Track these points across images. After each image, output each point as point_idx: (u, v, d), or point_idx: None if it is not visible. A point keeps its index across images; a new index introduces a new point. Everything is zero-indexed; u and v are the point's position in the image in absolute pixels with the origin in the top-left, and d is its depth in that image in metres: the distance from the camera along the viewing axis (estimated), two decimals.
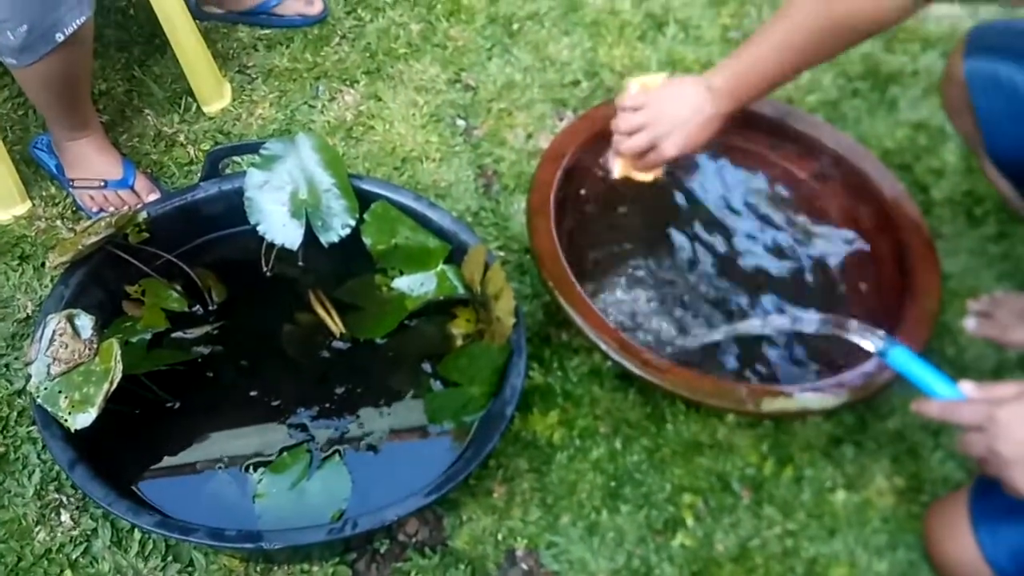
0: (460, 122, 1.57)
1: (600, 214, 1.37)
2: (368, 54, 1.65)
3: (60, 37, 1.15)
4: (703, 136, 1.16)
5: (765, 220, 1.39)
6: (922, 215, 1.35)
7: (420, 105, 1.58)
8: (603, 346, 1.14)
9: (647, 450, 1.22)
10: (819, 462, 1.23)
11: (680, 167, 1.42)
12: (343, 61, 1.64)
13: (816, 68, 1.69)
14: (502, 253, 1.40)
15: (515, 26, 1.72)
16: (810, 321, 1.13)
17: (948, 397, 0.96)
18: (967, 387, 0.95)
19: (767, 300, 1.30)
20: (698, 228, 1.37)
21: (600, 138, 1.37)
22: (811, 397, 1.12)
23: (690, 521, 1.17)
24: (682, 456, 1.22)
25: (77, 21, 1.15)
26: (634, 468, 1.21)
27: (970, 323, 1.34)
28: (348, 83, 1.61)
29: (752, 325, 1.21)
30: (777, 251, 1.36)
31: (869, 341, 1.05)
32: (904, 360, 1.01)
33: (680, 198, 1.40)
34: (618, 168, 1.23)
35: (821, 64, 1.12)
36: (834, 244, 1.37)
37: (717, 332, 1.24)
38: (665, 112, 1.15)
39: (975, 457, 0.92)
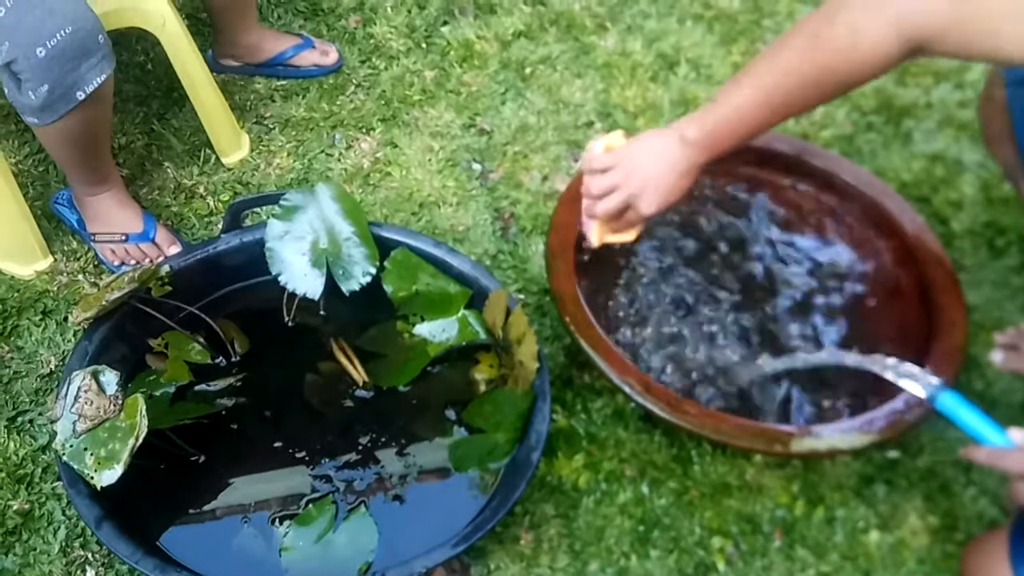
0: (476, 166, 1.58)
1: (618, 255, 1.37)
2: (383, 102, 1.67)
3: (81, 96, 1.16)
4: (679, 190, 1.08)
5: (785, 255, 1.39)
6: (944, 248, 1.34)
7: (436, 150, 1.59)
8: (627, 389, 1.13)
9: (675, 493, 1.21)
10: (851, 502, 1.21)
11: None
12: (359, 109, 1.65)
13: (826, 105, 1.70)
14: (521, 296, 1.40)
15: (528, 70, 1.74)
16: (859, 360, 1.12)
17: (997, 444, 0.94)
18: (1017, 435, 0.93)
19: (790, 336, 1.29)
20: (717, 264, 1.37)
21: None
22: (840, 437, 1.10)
23: (721, 565, 1.15)
24: (711, 498, 1.21)
25: (98, 80, 1.17)
26: (662, 512, 1.19)
27: (997, 356, 1.32)
28: (364, 131, 1.62)
29: (802, 359, 1.21)
30: (797, 287, 1.35)
31: (919, 386, 1.04)
32: (953, 405, 1.00)
33: (695, 236, 1.40)
34: (594, 233, 1.15)
35: (802, 114, 1.04)
36: (856, 278, 1.36)
37: (768, 365, 1.23)
38: (637, 169, 1.08)
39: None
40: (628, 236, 1.17)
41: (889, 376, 1.10)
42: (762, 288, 1.34)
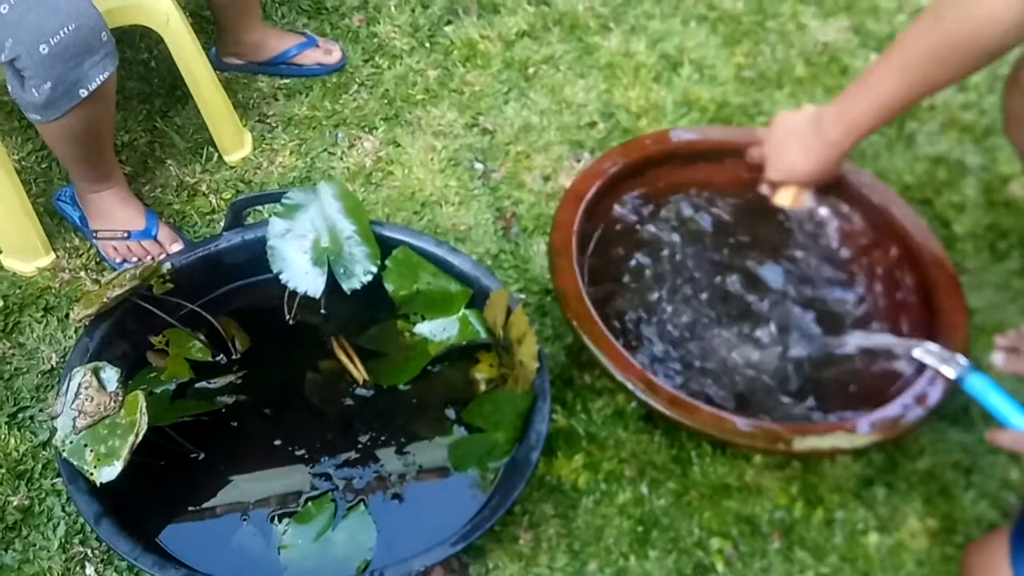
0: (478, 166, 1.58)
1: (620, 254, 1.37)
2: (386, 101, 1.67)
3: (84, 93, 1.16)
4: (806, 164, 1.20)
5: (787, 255, 1.39)
6: (945, 250, 1.34)
7: (438, 150, 1.59)
8: (629, 386, 1.13)
9: (674, 493, 1.21)
10: (850, 503, 1.21)
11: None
12: (362, 108, 1.65)
13: None
14: (522, 295, 1.40)
15: (531, 70, 1.74)
16: (889, 342, 1.14)
17: (1022, 428, 0.95)
18: None
19: (794, 335, 1.29)
20: (721, 264, 1.37)
21: (620, 178, 1.37)
22: (842, 436, 1.10)
23: (720, 566, 1.15)
24: (710, 499, 1.21)
25: (100, 77, 1.17)
26: (661, 512, 1.19)
27: (998, 359, 1.31)
28: (367, 130, 1.62)
29: (830, 343, 1.23)
30: (801, 286, 1.35)
31: (948, 367, 1.05)
32: (982, 388, 1.01)
33: (700, 236, 1.40)
34: (777, 194, 1.29)
35: (942, 89, 1.08)
36: (858, 280, 1.36)
37: (793, 349, 1.25)
38: (774, 139, 1.24)
39: None
40: (783, 200, 1.28)
41: (918, 356, 1.11)
42: (764, 288, 1.34)
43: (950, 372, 1.05)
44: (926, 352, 1.12)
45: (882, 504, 1.21)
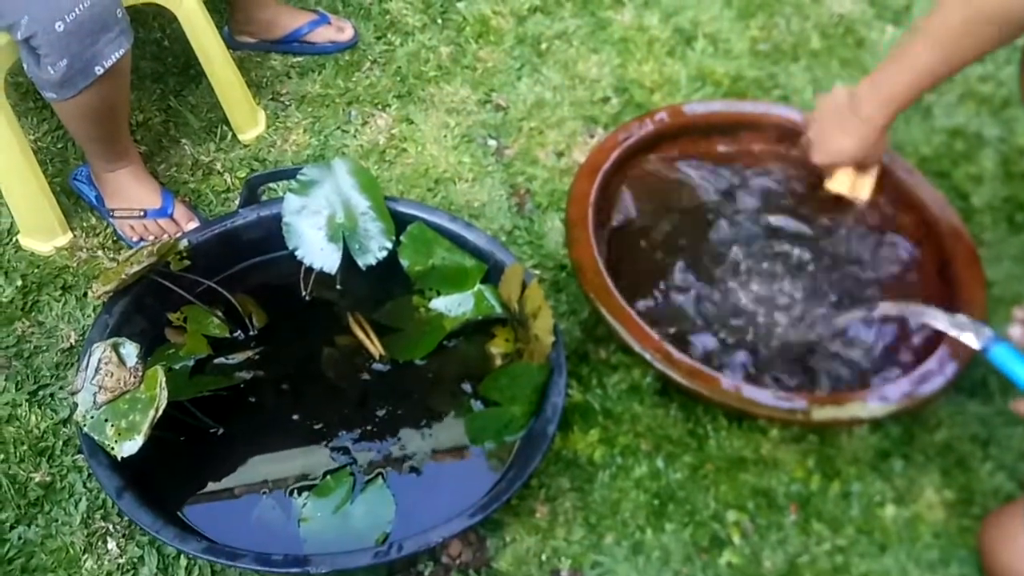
0: (492, 142, 1.58)
1: (636, 227, 1.36)
2: (399, 78, 1.66)
3: (99, 70, 1.16)
4: (844, 143, 1.20)
5: (803, 228, 1.38)
6: (963, 222, 1.33)
7: (452, 127, 1.59)
8: (647, 357, 1.13)
9: (690, 467, 1.21)
10: (867, 476, 1.21)
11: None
12: (374, 86, 1.65)
13: (846, 78, 1.69)
14: (537, 271, 1.40)
15: (543, 45, 1.73)
16: (915, 311, 1.15)
17: None
18: None
19: (810, 309, 1.29)
20: (737, 236, 1.36)
21: (635, 151, 1.37)
22: (861, 406, 1.10)
23: (737, 539, 1.16)
24: (726, 472, 1.21)
25: (116, 54, 1.17)
26: (677, 486, 1.20)
27: (1016, 331, 1.30)
28: (380, 107, 1.62)
29: (857, 314, 1.23)
30: (823, 257, 1.34)
31: (973, 336, 1.05)
32: (1007, 357, 1.00)
33: (715, 208, 1.39)
34: (832, 181, 1.29)
35: (975, 61, 1.08)
36: (875, 252, 1.35)
37: (820, 322, 1.25)
38: (816, 120, 1.25)
39: None
40: (839, 188, 1.28)
41: (942, 326, 1.12)
42: (781, 258, 1.34)
43: (975, 342, 1.05)
44: (951, 322, 1.11)
45: (899, 476, 1.21)
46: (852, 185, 1.28)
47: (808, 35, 1.78)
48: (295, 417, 1.16)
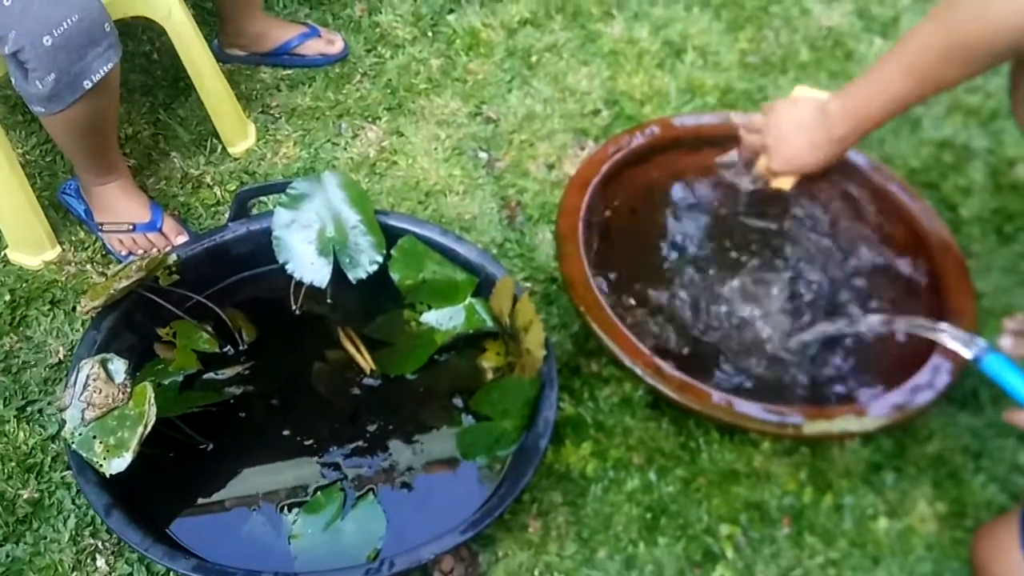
0: (482, 154, 1.58)
1: (625, 239, 1.37)
2: (389, 90, 1.66)
3: (88, 84, 1.16)
4: (812, 158, 1.18)
5: (799, 239, 1.38)
6: (952, 234, 1.34)
7: (442, 139, 1.59)
8: (638, 371, 1.13)
9: (682, 480, 1.21)
10: (859, 489, 1.21)
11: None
12: (365, 98, 1.65)
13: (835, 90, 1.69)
14: (528, 284, 1.39)
15: (534, 58, 1.73)
16: (903, 323, 1.14)
17: None
18: None
19: (807, 318, 1.29)
20: (727, 247, 1.36)
21: (625, 164, 1.37)
22: (852, 419, 1.10)
23: (730, 552, 1.15)
24: (718, 486, 1.20)
25: (104, 68, 1.17)
26: (670, 499, 1.19)
27: (1006, 342, 1.30)
28: (370, 120, 1.62)
29: (842, 325, 1.22)
30: (812, 269, 1.34)
31: (966, 347, 1.04)
32: (1000, 368, 1.00)
33: (705, 219, 1.40)
34: (755, 169, 1.28)
35: (953, 86, 1.06)
36: (864, 264, 1.36)
37: (807, 333, 1.25)
38: (777, 126, 1.21)
39: None
40: (783, 184, 1.25)
41: (936, 336, 1.11)
42: (772, 269, 1.34)
43: (968, 353, 1.05)
44: (943, 333, 1.11)
45: (891, 489, 1.21)
46: (796, 182, 1.25)
47: (797, 47, 1.79)
48: (285, 432, 1.16)
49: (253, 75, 1.68)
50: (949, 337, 1.09)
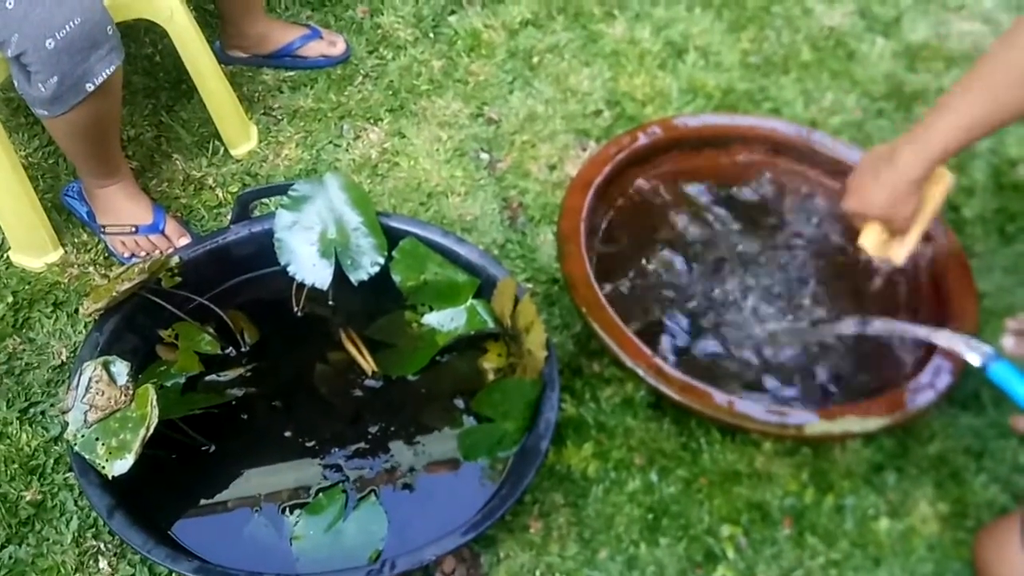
0: (484, 156, 1.58)
1: (627, 242, 1.37)
2: (391, 92, 1.67)
3: (90, 87, 1.16)
4: (875, 192, 1.14)
5: (795, 240, 1.38)
6: (955, 234, 1.33)
7: (444, 140, 1.59)
8: (640, 372, 1.13)
9: (684, 481, 1.21)
10: (861, 489, 1.21)
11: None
12: (367, 100, 1.65)
13: (837, 91, 1.69)
14: (529, 285, 1.39)
15: (535, 59, 1.73)
16: (911, 330, 1.14)
17: None
18: None
19: (811, 321, 1.29)
20: (730, 250, 1.36)
21: (627, 165, 1.37)
22: (853, 420, 1.10)
23: (731, 553, 1.15)
24: (720, 486, 1.20)
25: (107, 71, 1.17)
26: (671, 500, 1.19)
27: (1008, 342, 1.31)
28: (372, 121, 1.62)
29: (849, 327, 1.22)
30: (806, 271, 1.34)
31: (973, 354, 1.04)
32: (1006, 375, 1.00)
33: (707, 224, 1.40)
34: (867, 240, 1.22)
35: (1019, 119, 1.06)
36: (867, 264, 1.35)
37: (811, 334, 1.25)
38: (857, 169, 1.19)
39: None
40: (883, 252, 1.21)
41: (942, 343, 1.11)
42: (772, 271, 1.34)
43: (975, 359, 1.05)
44: (949, 339, 1.11)
45: (893, 489, 1.21)
46: (881, 245, 1.21)
47: (798, 47, 1.79)
48: (287, 434, 1.16)
49: (255, 77, 1.68)
50: (955, 344, 1.08)
